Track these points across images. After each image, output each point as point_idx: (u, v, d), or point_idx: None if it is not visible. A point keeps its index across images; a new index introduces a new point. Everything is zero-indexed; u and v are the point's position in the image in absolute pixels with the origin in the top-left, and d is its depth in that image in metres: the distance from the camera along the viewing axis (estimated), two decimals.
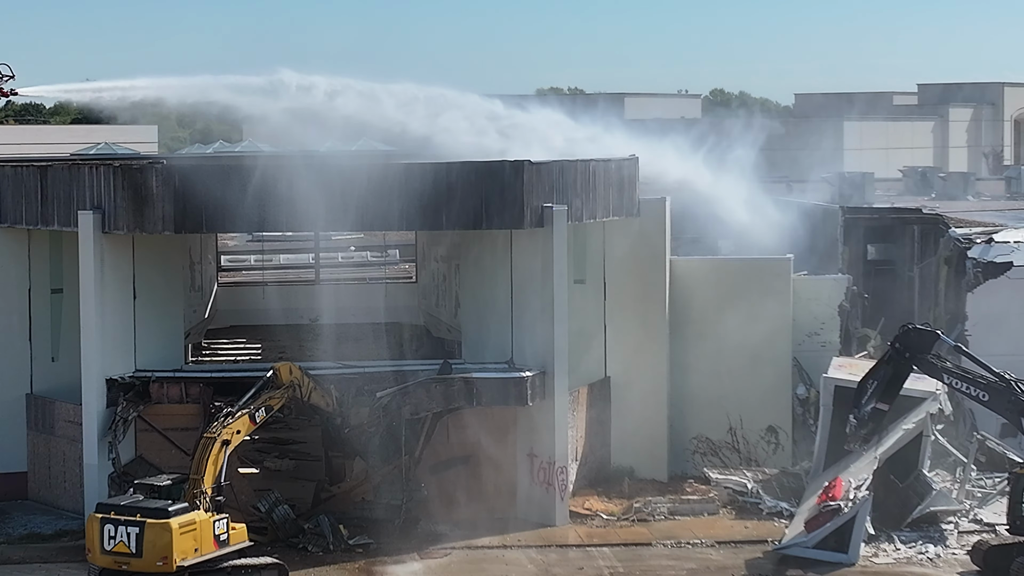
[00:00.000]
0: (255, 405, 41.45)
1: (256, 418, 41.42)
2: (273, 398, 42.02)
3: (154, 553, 37.19)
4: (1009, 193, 76.75)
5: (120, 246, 45.14)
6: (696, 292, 50.61)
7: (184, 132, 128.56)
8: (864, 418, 43.72)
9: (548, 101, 60.17)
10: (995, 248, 53.26)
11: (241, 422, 40.82)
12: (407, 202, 44.38)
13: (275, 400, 42.09)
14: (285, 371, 42.55)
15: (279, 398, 42.21)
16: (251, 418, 41.24)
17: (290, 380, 42.41)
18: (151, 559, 37.23)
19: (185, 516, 37.79)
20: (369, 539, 43.55)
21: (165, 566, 37.22)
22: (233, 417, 40.60)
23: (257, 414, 41.46)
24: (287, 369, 42.61)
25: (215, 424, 40.18)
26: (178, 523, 37.39)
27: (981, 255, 53.02)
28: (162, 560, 37.19)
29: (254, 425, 41.44)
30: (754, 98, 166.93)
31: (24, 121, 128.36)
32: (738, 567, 42.37)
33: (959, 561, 42.76)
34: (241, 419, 40.82)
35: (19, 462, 48.38)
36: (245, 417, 40.99)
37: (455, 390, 44.60)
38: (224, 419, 40.38)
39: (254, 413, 41.37)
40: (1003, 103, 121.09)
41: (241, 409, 40.99)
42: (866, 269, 58.25)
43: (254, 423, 41.37)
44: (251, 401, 41.45)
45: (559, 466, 45.61)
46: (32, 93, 52.88)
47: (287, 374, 42.49)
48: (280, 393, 42.21)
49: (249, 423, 41.16)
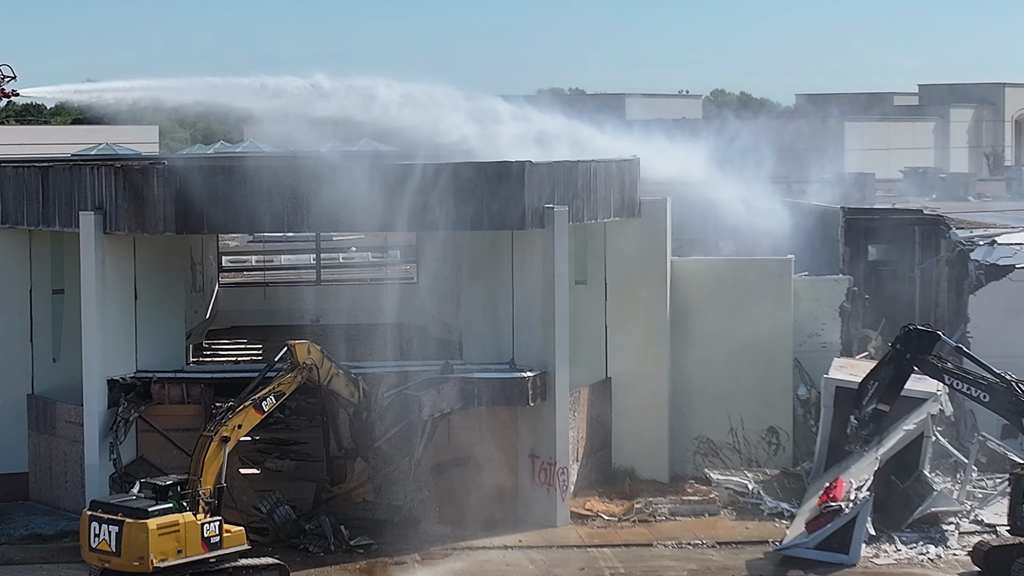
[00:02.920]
0: (262, 393, 40.47)
1: (264, 406, 40.27)
2: (283, 383, 40.78)
3: (131, 553, 37.10)
4: (1010, 194, 76.78)
5: (121, 247, 45.15)
6: (697, 293, 50.60)
7: (185, 132, 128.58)
8: (865, 419, 43.75)
9: (548, 101, 60.12)
10: (998, 250, 53.24)
11: (244, 415, 40.00)
12: (407, 203, 44.37)
13: (286, 384, 40.80)
14: (302, 350, 41.22)
15: (290, 382, 40.90)
16: (257, 407, 40.15)
17: (305, 360, 41.36)
18: (128, 559, 37.16)
19: (166, 517, 37.51)
20: (370, 540, 43.55)
21: (141, 566, 37.05)
22: (234, 411, 39.87)
23: (264, 402, 40.31)
24: (304, 348, 41.34)
25: (213, 421, 39.92)
26: (156, 524, 37.19)
27: (984, 257, 53.01)
28: (138, 560, 37.06)
29: (261, 415, 40.35)
30: (755, 99, 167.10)
31: (25, 122, 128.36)
32: (739, 568, 42.38)
33: (960, 562, 42.76)
34: (244, 411, 40.00)
35: (20, 463, 48.40)
36: (249, 408, 40.08)
37: (457, 391, 44.60)
38: (224, 414, 39.80)
39: (260, 402, 40.28)
40: (1004, 104, 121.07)
41: (243, 401, 40.16)
42: (867, 270, 58.22)
43: (261, 412, 40.31)
44: (257, 389, 40.56)
45: (560, 467, 45.62)
46: (33, 94, 52.84)
47: (303, 353, 41.19)
48: (292, 376, 40.91)
49: (255, 413, 40.16)
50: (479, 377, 45.12)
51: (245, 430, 40.57)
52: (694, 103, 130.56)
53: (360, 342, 49.97)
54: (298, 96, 50.10)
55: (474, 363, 46.69)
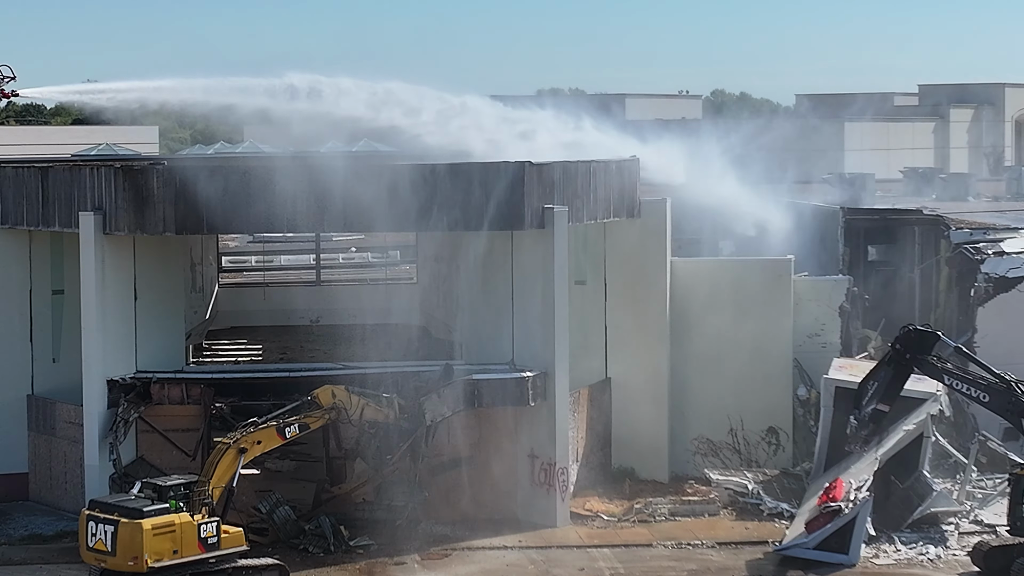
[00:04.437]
0: (287, 420, 41.32)
1: (286, 433, 41.28)
2: (311, 417, 41.89)
3: (126, 552, 37.16)
4: (1010, 194, 76.72)
5: (121, 247, 45.15)
6: (697, 293, 50.60)
7: (185, 133, 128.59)
8: (865, 419, 43.74)
9: (549, 102, 60.04)
10: (1006, 261, 53.15)
11: (266, 433, 40.82)
12: (408, 203, 44.38)
13: (313, 420, 41.95)
14: (326, 396, 42.29)
15: (318, 419, 42.07)
16: (279, 432, 41.10)
17: (331, 403, 42.24)
18: (123, 558, 37.23)
19: (161, 517, 37.55)
20: (370, 540, 43.56)
21: (136, 566, 37.12)
22: (257, 427, 40.61)
23: (288, 429, 41.31)
24: (328, 394, 42.33)
25: (237, 431, 40.26)
26: (151, 524, 37.25)
27: (993, 269, 52.97)
28: (133, 560, 37.11)
29: (282, 440, 41.33)
30: (755, 99, 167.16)
31: (25, 122, 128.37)
32: (739, 568, 42.38)
33: (959, 562, 42.76)
34: (267, 430, 40.81)
35: (20, 463, 48.42)
36: (272, 429, 40.95)
37: (458, 393, 44.57)
38: (247, 427, 40.39)
39: (283, 427, 41.21)
40: (1004, 104, 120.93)
41: (269, 421, 40.96)
42: (866, 270, 58.18)
43: (283, 438, 41.27)
44: (285, 415, 41.34)
45: (560, 467, 45.61)
46: (33, 94, 52.86)
47: (327, 398, 42.25)
48: (319, 414, 42.08)
49: (277, 436, 41.08)
50: (479, 379, 45.09)
51: (263, 448, 41.26)
52: (694, 103, 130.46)
53: (359, 342, 49.93)
54: (298, 97, 50.05)
55: (474, 363, 46.68)
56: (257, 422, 40.87)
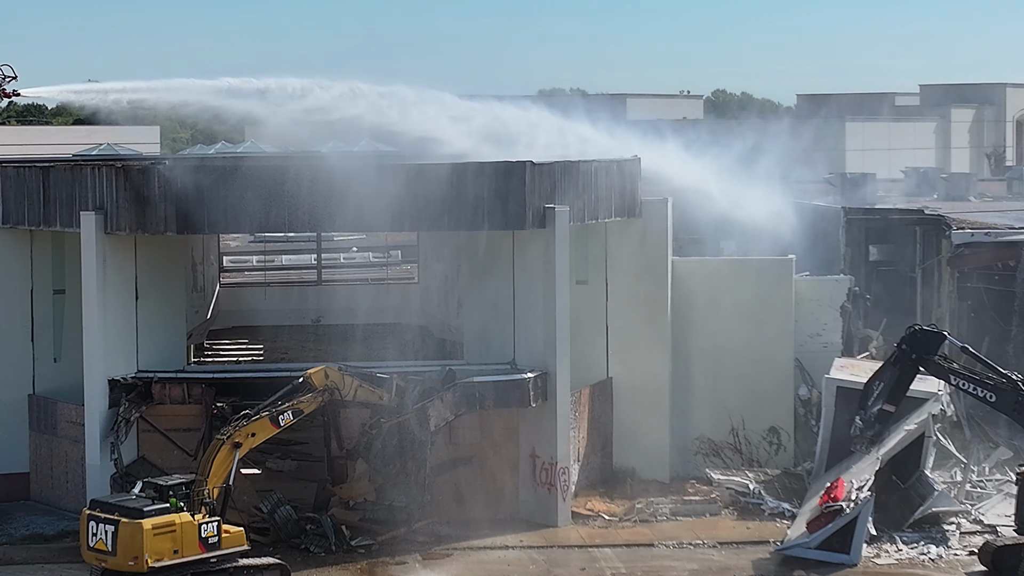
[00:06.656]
0: (279, 407, 41.16)
1: (280, 421, 41.08)
2: (303, 402, 41.66)
3: (126, 552, 37.16)
4: (1011, 194, 76.73)
5: (122, 247, 45.16)
6: (698, 293, 50.59)
7: (186, 133, 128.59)
8: (871, 420, 43.66)
9: (549, 102, 60.03)
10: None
11: (259, 424, 40.67)
12: (409, 203, 44.36)
13: (306, 404, 41.71)
14: (319, 377, 42.09)
15: (310, 402, 41.84)
16: (273, 420, 40.92)
17: (325, 385, 42.11)
18: (123, 558, 37.23)
19: (162, 517, 37.54)
20: (371, 540, 43.55)
21: (136, 566, 37.12)
22: (249, 420, 40.50)
23: (281, 417, 41.11)
24: (321, 375, 42.15)
25: (229, 426, 40.20)
26: (151, 524, 37.24)
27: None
28: (133, 560, 37.11)
29: (276, 428, 41.12)
30: (756, 99, 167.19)
31: (26, 122, 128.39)
32: (740, 568, 42.37)
33: (961, 562, 42.75)
34: (260, 421, 40.67)
35: (21, 463, 48.43)
36: (265, 419, 40.80)
37: (459, 396, 44.49)
38: (240, 421, 40.28)
39: (277, 415, 41.05)
40: (1005, 104, 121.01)
41: (261, 412, 40.86)
42: (868, 270, 58.17)
43: (277, 426, 41.09)
44: (277, 403, 41.22)
45: (561, 467, 45.62)
46: (34, 94, 52.84)
47: (321, 379, 42.06)
48: (312, 397, 41.84)
49: (271, 426, 40.91)
50: (480, 381, 45.02)
51: (258, 440, 41.08)
52: (695, 103, 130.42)
53: (360, 342, 49.95)
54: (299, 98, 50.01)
55: (474, 364, 46.67)
56: (249, 415, 40.72)
